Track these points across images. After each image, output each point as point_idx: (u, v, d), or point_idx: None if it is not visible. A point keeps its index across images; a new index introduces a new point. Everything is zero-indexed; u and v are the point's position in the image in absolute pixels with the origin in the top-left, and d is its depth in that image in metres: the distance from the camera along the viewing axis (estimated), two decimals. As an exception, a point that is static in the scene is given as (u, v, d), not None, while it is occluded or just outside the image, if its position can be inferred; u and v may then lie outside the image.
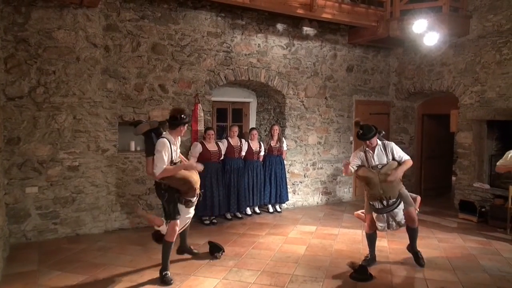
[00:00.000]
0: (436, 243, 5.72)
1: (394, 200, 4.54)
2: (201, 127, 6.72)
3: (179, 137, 4.48)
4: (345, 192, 8.58)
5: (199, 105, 6.72)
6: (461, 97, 7.56)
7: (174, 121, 4.31)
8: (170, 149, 4.24)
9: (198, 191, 4.47)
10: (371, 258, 4.84)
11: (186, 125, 4.41)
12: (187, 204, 4.44)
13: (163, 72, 6.46)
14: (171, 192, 4.35)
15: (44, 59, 5.58)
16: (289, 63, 7.71)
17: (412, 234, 4.88)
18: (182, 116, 4.32)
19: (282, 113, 7.87)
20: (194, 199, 4.49)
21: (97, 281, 4.29)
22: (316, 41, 7.98)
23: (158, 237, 4.50)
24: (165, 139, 4.23)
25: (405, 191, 4.75)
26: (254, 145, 7.15)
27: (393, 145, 4.75)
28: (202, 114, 6.75)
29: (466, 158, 7.53)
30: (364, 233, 5.77)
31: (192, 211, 4.59)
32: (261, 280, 4.36)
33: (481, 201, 7.08)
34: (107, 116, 6.06)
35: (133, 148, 6.51)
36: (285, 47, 7.64)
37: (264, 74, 7.42)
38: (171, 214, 4.37)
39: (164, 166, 4.18)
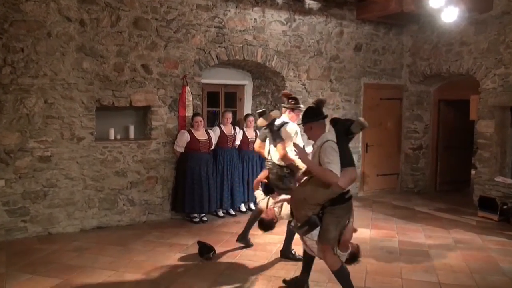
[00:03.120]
0: (452, 244, 5.78)
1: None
2: (189, 113, 6.70)
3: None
4: (351, 186, 8.60)
5: (187, 88, 6.69)
6: (483, 81, 7.58)
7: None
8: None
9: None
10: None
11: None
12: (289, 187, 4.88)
13: (147, 51, 6.42)
14: (287, 173, 4.96)
15: (10, 35, 5.52)
16: (289, 41, 7.68)
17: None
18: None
19: (281, 98, 7.84)
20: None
21: (72, 285, 4.30)
22: (320, 16, 7.94)
23: (267, 224, 4.83)
24: (293, 124, 5.07)
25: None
26: (250, 134, 7.15)
27: (327, 146, 3.65)
28: (190, 98, 6.73)
29: (487, 150, 7.58)
30: (369, 231, 5.84)
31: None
32: (257, 285, 4.39)
33: (503, 197, 7.14)
34: (83, 100, 6.03)
35: (112, 137, 6.50)
36: (285, 22, 7.60)
37: (261, 53, 7.40)
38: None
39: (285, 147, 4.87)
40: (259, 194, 5.23)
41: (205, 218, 6.69)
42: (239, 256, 5.15)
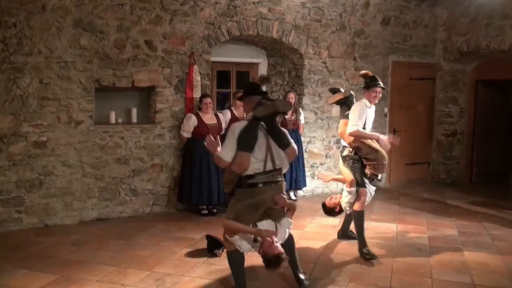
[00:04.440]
0: (489, 241, 5.73)
1: None
2: (197, 94, 6.70)
3: (373, 105, 5.30)
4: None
5: (195, 67, 6.68)
6: (527, 59, 7.42)
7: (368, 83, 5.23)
8: (366, 112, 5.12)
9: (385, 166, 5.28)
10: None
11: (381, 89, 5.26)
12: (372, 178, 5.19)
13: (150, 25, 6.41)
14: (355, 160, 5.21)
15: (2, 9, 5.54)
16: (308, 14, 7.59)
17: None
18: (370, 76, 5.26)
19: (299, 78, 7.81)
20: (380, 177, 5.27)
21: (70, 281, 4.36)
22: (344, -14, 7.85)
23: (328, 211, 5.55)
24: (362, 103, 5.17)
25: None
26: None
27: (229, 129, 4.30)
28: (198, 78, 6.72)
29: (530, 136, 7.46)
30: (396, 227, 5.82)
31: (372, 191, 5.35)
32: (270, 283, 4.41)
33: (548, 189, 7.05)
34: (81, 80, 6.06)
35: (113, 120, 6.54)
36: (303, -7, 7.52)
37: (277, 27, 7.33)
38: (358, 182, 5.18)
39: (357, 126, 5.01)
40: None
41: (214, 210, 6.73)
42: (252, 252, 5.16)
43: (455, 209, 7.21)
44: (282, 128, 4.18)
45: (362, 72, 5.53)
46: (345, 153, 5.31)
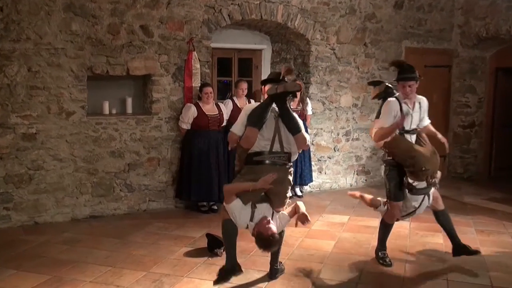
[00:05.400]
0: (509, 240, 5.74)
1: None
2: (196, 83, 6.70)
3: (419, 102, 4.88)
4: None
5: (194, 54, 6.67)
6: (551, 44, 7.39)
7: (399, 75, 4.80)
8: (395, 111, 4.61)
9: (429, 175, 4.69)
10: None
11: (414, 82, 4.71)
12: (409, 187, 4.70)
13: (146, 9, 6.39)
14: (392, 166, 4.77)
15: (-13, -9, 5.55)
16: (316, -3, 7.57)
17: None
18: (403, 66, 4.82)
19: (305, 65, 7.80)
20: (420, 185, 4.69)
21: (62, 282, 4.38)
22: (354, -34, 7.81)
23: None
24: (393, 100, 4.69)
25: None
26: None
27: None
28: (198, 66, 6.72)
29: (554, 128, 7.44)
30: (409, 225, 5.81)
31: (420, 200, 4.81)
32: (275, 285, 4.43)
33: None
34: (73, 67, 6.06)
35: (107, 111, 6.54)
36: (310, -26, 7.49)
37: (282, 11, 7.31)
38: (390, 194, 4.81)
39: (379, 127, 4.64)
40: None
41: (215, 207, 6.74)
42: (255, 252, 5.19)
43: (472, 206, 7.21)
44: (296, 116, 4.37)
45: (394, 60, 5.30)
46: (385, 157, 4.94)
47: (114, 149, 6.39)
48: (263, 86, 5.06)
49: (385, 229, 5.00)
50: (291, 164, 4.38)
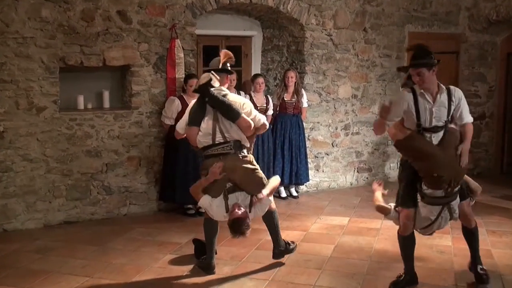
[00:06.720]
0: (522, 241, 5.79)
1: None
2: (180, 74, 6.70)
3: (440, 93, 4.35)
4: (393, 167, 8.62)
5: (177, 42, 6.66)
6: None
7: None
8: (405, 102, 4.33)
9: (447, 183, 4.18)
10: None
11: (422, 69, 4.24)
12: (421, 194, 4.31)
13: (124, -7, 6.39)
14: (406, 166, 4.49)
15: None
16: (310, -22, 7.58)
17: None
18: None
19: (299, 53, 7.81)
20: (433, 193, 4.24)
21: (35, 295, 4.40)
22: None
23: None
24: (408, 90, 4.42)
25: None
26: (259, 100, 7.15)
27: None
28: (181, 55, 6.71)
29: None
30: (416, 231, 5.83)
31: (437, 213, 4.32)
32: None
33: None
34: (43, 58, 6.03)
35: (82, 106, 6.52)
36: (304, -47, 7.49)
37: (273, -6, 7.32)
38: (397, 197, 4.59)
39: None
40: None
41: (202, 210, 6.73)
42: (247, 258, 5.20)
43: (483, 205, 7.22)
44: (229, 100, 4.69)
45: (414, 44, 4.90)
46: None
47: (90, 148, 6.38)
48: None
49: (400, 243, 4.59)
50: (244, 151, 4.76)
